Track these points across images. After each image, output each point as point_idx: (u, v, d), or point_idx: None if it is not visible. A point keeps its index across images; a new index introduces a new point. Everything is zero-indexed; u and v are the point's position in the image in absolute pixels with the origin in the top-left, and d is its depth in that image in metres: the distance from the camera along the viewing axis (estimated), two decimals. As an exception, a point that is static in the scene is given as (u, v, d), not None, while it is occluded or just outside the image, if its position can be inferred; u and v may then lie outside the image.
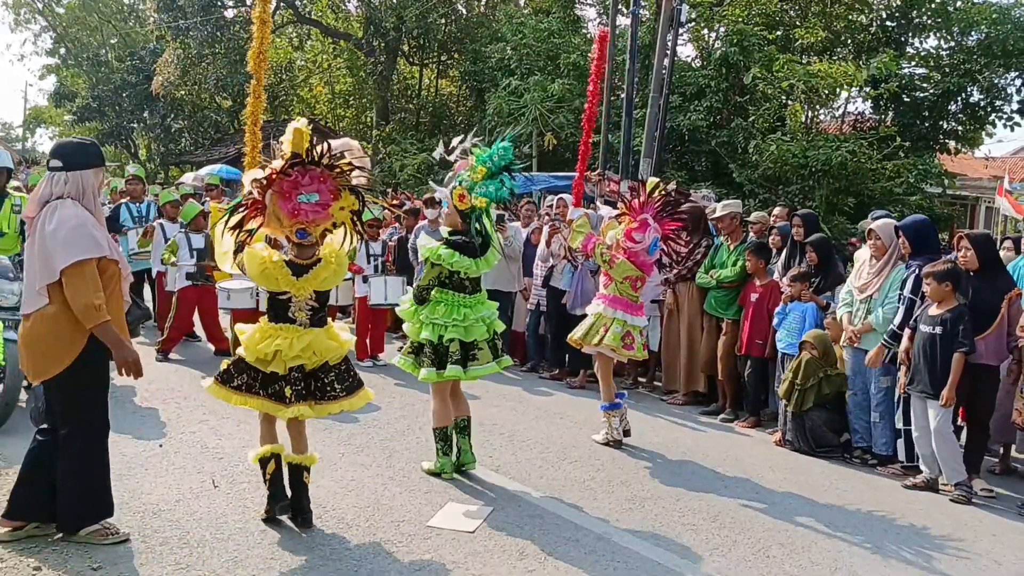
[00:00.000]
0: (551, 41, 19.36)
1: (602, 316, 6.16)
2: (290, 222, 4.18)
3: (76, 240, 3.71)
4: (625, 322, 6.10)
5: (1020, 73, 18.11)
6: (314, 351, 4.24)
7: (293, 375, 4.20)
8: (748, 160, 15.84)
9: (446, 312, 5.15)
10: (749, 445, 6.70)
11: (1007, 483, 6.14)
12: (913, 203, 15.02)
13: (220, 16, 25.17)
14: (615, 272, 6.12)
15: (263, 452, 4.36)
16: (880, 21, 19.21)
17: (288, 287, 4.20)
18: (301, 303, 4.25)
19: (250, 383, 4.24)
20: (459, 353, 5.16)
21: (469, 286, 5.26)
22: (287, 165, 4.12)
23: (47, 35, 33.14)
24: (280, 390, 4.21)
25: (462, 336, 5.17)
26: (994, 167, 22.97)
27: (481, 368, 5.23)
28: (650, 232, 6.03)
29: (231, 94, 27.26)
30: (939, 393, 5.52)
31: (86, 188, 3.87)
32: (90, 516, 3.95)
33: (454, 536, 4.38)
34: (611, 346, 6.11)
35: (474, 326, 5.20)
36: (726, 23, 17.63)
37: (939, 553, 4.67)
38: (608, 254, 6.11)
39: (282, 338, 4.18)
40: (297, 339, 4.19)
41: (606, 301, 6.19)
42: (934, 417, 5.58)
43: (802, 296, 6.83)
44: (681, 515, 4.96)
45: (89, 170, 3.90)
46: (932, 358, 5.60)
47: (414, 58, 26.61)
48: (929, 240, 6.30)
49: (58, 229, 3.70)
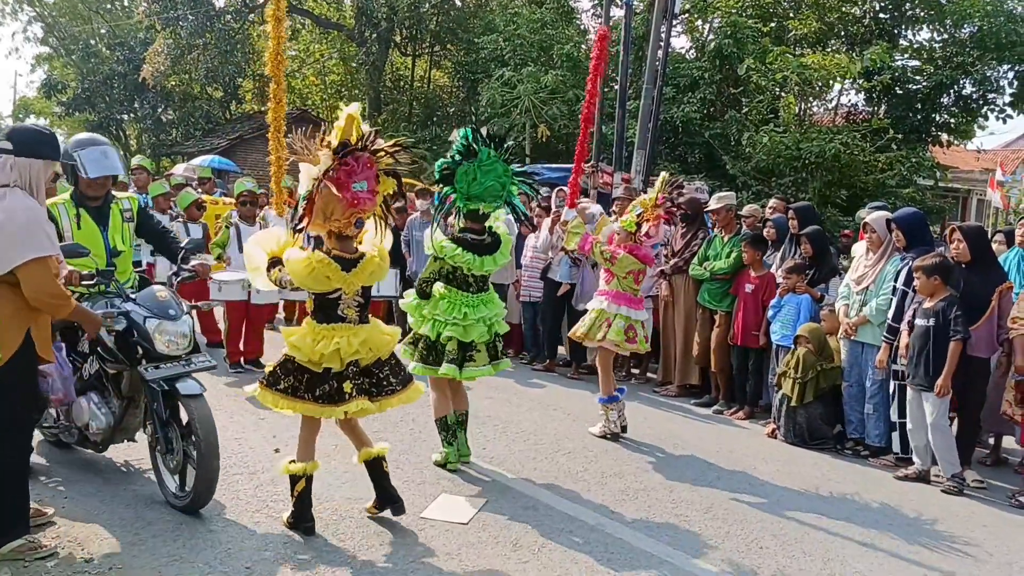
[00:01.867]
0: (544, 32, 19.28)
1: (604, 312, 6.15)
2: (347, 212, 4.04)
3: (34, 234, 3.51)
4: (628, 317, 6.10)
5: (1013, 66, 18.11)
6: (369, 347, 4.17)
7: (351, 370, 4.12)
8: (742, 152, 15.85)
9: (447, 310, 5.08)
10: (742, 437, 6.71)
11: (998, 474, 6.18)
12: (905, 195, 15.05)
13: (211, 6, 24.97)
14: (617, 268, 6.10)
15: (298, 469, 4.16)
16: (873, 13, 19.20)
17: (340, 283, 4.07)
18: (350, 300, 4.14)
19: (296, 386, 4.09)
20: (455, 352, 5.07)
21: (474, 284, 5.16)
22: (346, 152, 3.96)
23: (38, 25, 32.87)
24: (331, 390, 4.07)
25: (460, 336, 5.07)
26: (986, 160, 23.05)
27: (477, 370, 5.14)
28: (663, 227, 6.10)
29: (222, 84, 27.12)
30: (934, 384, 5.54)
31: (33, 179, 3.62)
32: (16, 531, 3.72)
33: (448, 527, 4.38)
34: (615, 341, 6.12)
35: (473, 326, 5.10)
36: (720, 14, 17.61)
37: (931, 544, 4.69)
38: (608, 251, 6.09)
39: (339, 336, 4.07)
40: (353, 335, 4.10)
41: (609, 297, 6.18)
42: (930, 411, 5.60)
43: (797, 288, 6.84)
44: (674, 506, 4.96)
45: (40, 160, 3.64)
46: (926, 350, 5.62)
47: (406, 49, 26.49)
48: (923, 233, 6.32)
49: (8, 221, 3.47)
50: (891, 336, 5.97)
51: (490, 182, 5.09)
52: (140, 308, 4.29)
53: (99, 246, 4.58)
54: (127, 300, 4.37)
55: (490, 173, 5.08)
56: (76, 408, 4.47)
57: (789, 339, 6.68)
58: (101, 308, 4.22)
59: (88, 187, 4.55)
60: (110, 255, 4.63)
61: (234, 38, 25.35)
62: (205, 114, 27.88)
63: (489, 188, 5.09)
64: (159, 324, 4.24)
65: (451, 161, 5.08)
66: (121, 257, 4.71)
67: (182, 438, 4.24)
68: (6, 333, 3.57)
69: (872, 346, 6.22)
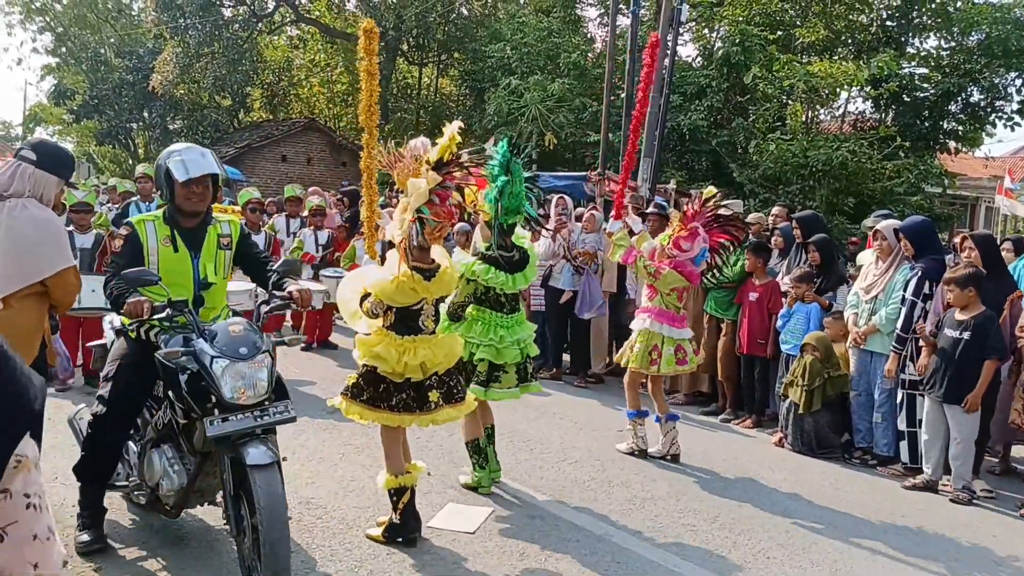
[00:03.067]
0: (551, 40, 19.35)
1: (649, 333, 5.89)
2: (442, 225, 4.18)
3: (65, 245, 3.81)
4: (672, 338, 5.89)
5: (1020, 73, 18.10)
6: (447, 356, 4.28)
7: (435, 378, 4.20)
8: (748, 160, 15.86)
9: (483, 332, 4.94)
10: (749, 446, 6.69)
11: (1007, 483, 6.14)
12: (914, 203, 15.03)
13: (219, 15, 25.14)
14: (661, 283, 5.85)
15: (399, 482, 4.20)
16: (880, 21, 19.21)
17: (425, 293, 4.15)
18: (430, 310, 4.24)
19: (377, 396, 4.15)
20: (485, 374, 4.95)
21: (507, 304, 5.02)
22: (452, 167, 4.22)
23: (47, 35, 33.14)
24: (409, 398, 4.14)
25: (492, 357, 4.94)
26: (994, 167, 22.96)
27: (503, 391, 5.01)
28: (699, 241, 5.79)
29: (230, 93, 27.25)
30: (960, 397, 5.49)
31: (46, 194, 3.76)
32: None
33: (454, 537, 4.37)
34: (669, 373, 6.06)
35: (508, 349, 4.97)
36: (727, 23, 17.64)
37: (939, 554, 4.66)
38: (652, 266, 5.86)
39: (422, 348, 4.15)
40: (436, 346, 4.21)
41: (652, 315, 5.93)
42: (961, 425, 5.52)
43: (805, 297, 6.83)
44: (681, 516, 4.95)
45: (54, 177, 3.79)
46: (956, 363, 5.53)
47: (413, 57, 26.60)
48: (931, 240, 6.30)
49: (44, 232, 3.66)
50: (900, 346, 5.94)
51: (519, 192, 4.98)
52: (210, 347, 3.49)
53: (187, 274, 3.86)
54: (201, 335, 3.56)
55: (519, 183, 4.97)
56: (148, 464, 3.83)
57: (797, 348, 6.66)
58: (175, 345, 3.57)
59: (186, 199, 3.80)
60: (198, 286, 3.90)
61: (242, 47, 25.50)
62: (213, 123, 28.03)
63: (519, 200, 4.99)
64: (227, 365, 3.44)
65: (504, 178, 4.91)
66: (212, 290, 3.96)
67: (252, 514, 3.40)
68: (31, 343, 3.66)
69: (881, 355, 6.20)
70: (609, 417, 7.17)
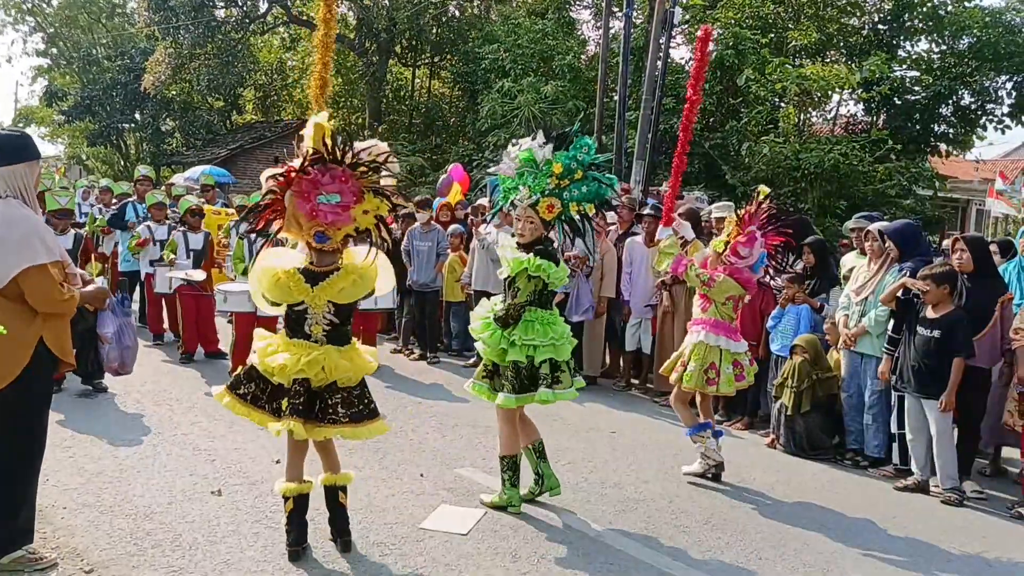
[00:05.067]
0: (545, 43, 19.35)
1: (706, 347, 5.50)
2: (309, 224, 3.88)
3: (29, 244, 3.50)
4: (730, 352, 5.54)
5: (1011, 76, 18.22)
6: (322, 367, 3.90)
7: (296, 388, 3.88)
8: (741, 162, 15.89)
9: (542, 332, 4.65)
10: (741, 447, 6.70)
11: (998, 485, 6.17)
12: (905, 206, 15.09)
13: (211, 17, 25.07)
14: (715, 292, 5.51)
15: (285, 490, 4.06)
16: (872, 24, 19.30)
17: (302, 296, 3.90)
18: (318, 315, 3.92)
19: (257, 394, 3.97)
20: (549, 376, 4.68)
21: (550, 301, 4.82)
22: (307, 163, 3.85)
23: (38, 35, 32.98)
24: (261, 391, 3.97)
25: (554, 355, 4.68)
26: (985, 170, 23.10)
27: (565, 392, 4.73)
28: (757, 246, 5.50)
29: (222, 94, 27.19)
30: (936, 395, 5.55)
31: (20, 186, 3.60)
32: (16, 542, 3.70)
33: (447, 538, 4.37)
34: (729, 392, 5.66)
35: (565, 345, 4.73)
36: (719, 25, 17.68)
37: (930, 555, 4.68)
38: (705, 274, 5.54)
39: (291, 352, 3.91)
40: (304, 354, 3.90)
41: (707, 327, 5.55)
42: (935, 422, 5.60)
43: (796, 299, 6.85)
44: (674, 517, 4.96)
45: (21, 164, 3.61)
46: (929, 362, 5.61)
47: (407, 59, 26.57)
48: (917, 242, 6.33)
49: (7, 234, 3.47)
50: (892, 348, 5.97)
51: (587, 186, 4.77)
52: None
53: None
54: None
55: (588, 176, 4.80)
56: None
57: (787, 349, 6.68)
58: None
59: None
60: None
61: (235, 48, 25.44)
62: (205, 124, 27.98)
63: (583, 193, 4.77)
64: None
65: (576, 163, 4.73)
66: None
67: None
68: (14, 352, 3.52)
69: (871, 357, 6.23)
70: (602, 419, 7.19)
